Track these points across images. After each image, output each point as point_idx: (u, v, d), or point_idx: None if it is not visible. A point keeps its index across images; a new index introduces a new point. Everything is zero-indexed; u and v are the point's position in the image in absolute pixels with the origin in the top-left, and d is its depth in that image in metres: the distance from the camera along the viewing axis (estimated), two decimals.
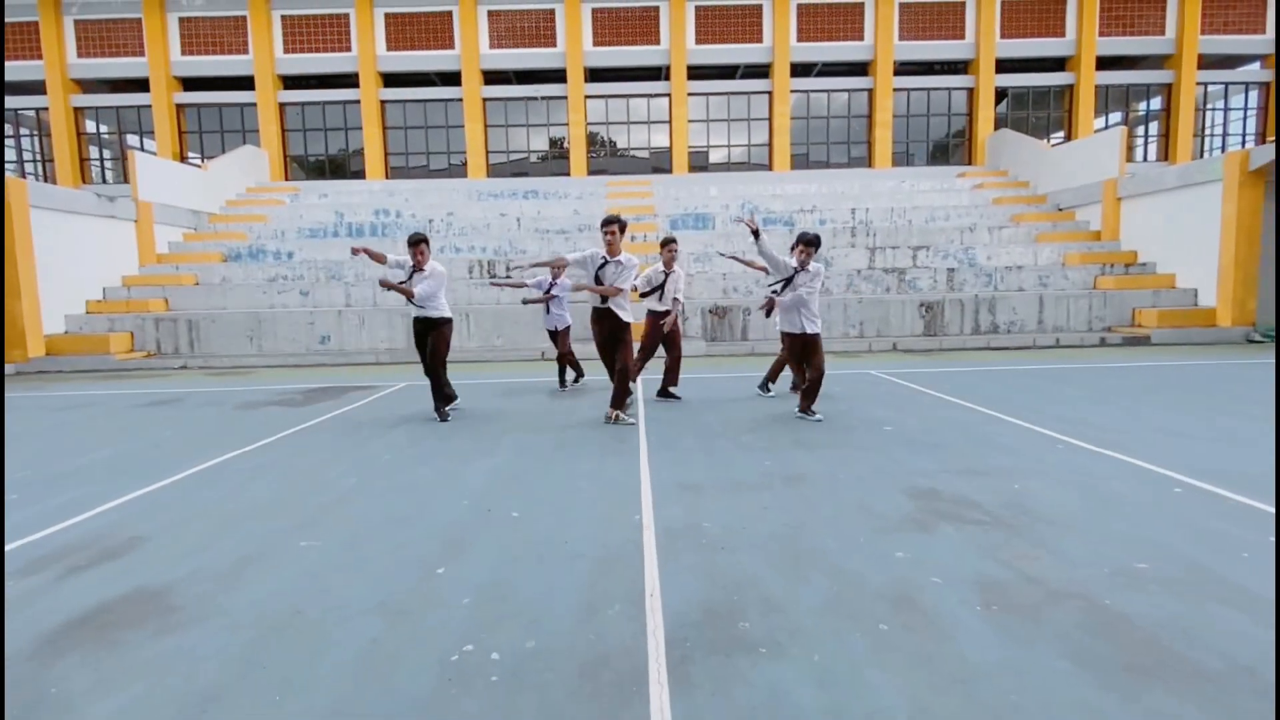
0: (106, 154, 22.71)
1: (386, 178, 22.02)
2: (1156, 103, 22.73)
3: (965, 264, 15.59)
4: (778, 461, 4.75)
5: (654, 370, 8.53)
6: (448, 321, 6.62)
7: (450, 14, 21.39)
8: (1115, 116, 22.75)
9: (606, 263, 6.09)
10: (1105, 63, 22.18)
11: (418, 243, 6.36)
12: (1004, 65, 22.06)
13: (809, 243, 6.14)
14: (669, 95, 21.99)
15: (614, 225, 6.01)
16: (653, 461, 4.85)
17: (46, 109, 21.43)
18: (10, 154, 22.53)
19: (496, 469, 4.75)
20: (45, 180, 22.19)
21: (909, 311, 13.75)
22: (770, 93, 22.06)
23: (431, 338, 6.52)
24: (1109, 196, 16.04)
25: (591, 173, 22.25)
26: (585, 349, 12.90)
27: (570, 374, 8.59)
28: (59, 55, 21.04)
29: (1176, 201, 14.47)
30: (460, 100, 21.86)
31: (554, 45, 21.52)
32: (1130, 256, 15.38)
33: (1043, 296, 13.90)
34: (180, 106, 21.80)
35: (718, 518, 3.61)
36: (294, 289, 14.67)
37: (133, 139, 22.38)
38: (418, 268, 6.38)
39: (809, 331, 6.24)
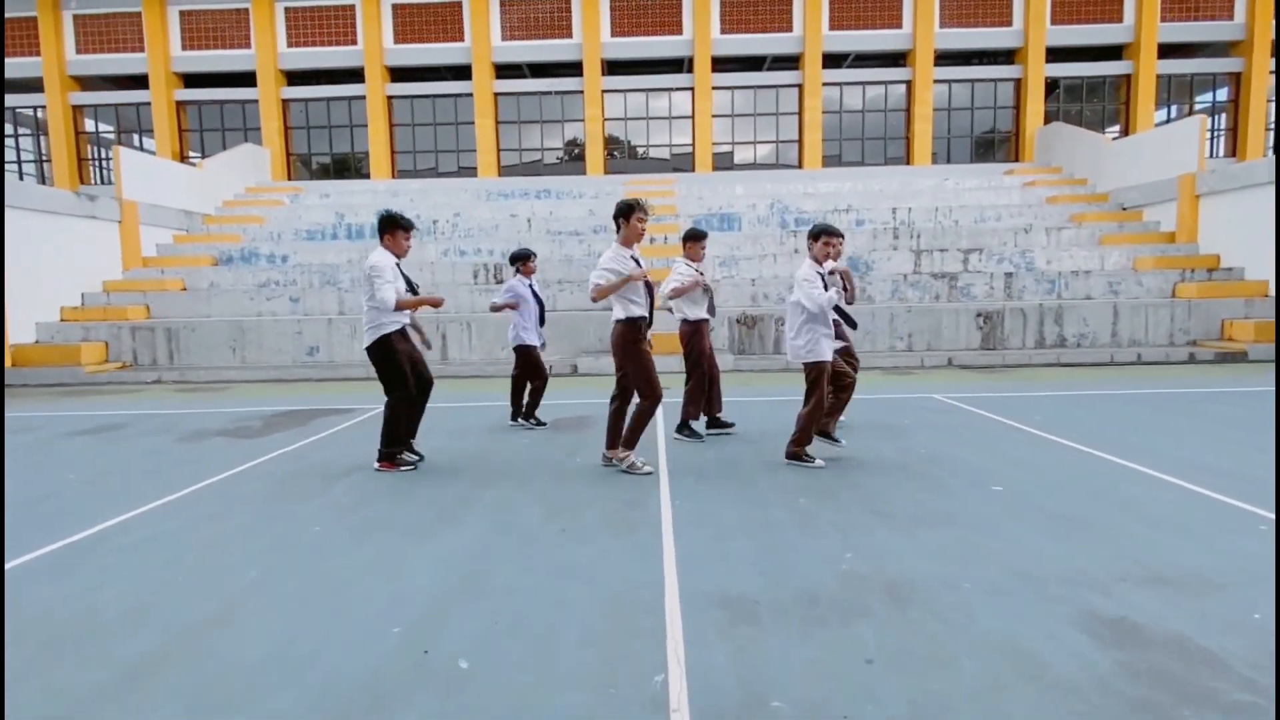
0: (106, 154, 21.85)
1: (393, 177, 20.89)
2: (1224, 93, 20.88)
3: (1023, 268, 13.99)
4: (861, 551, 3.31)
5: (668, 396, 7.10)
6: (376, 346, 4.99)
7: (460, 4, 20.23)
8: (1179, 109, 20.95)
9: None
10: (1167, 50, 20.39)
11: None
12: (1054, 54, 20.38)
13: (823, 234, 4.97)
14: (692, 89, 20.61)
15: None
16: (680, 546, 3.44)
17: (44, 107, 20.59)
18: (9, 154, 21.77)
19: (456, 556, 3.37)
20: (44, 181, 21.38)
21: (964, 322, 12.20)
22: (800, 85, 20.59)
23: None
24: (1186, 194, 14.35)
25: (609, 171, 20.93)
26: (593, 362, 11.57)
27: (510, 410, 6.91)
28: (57, 51, 20.21)
29: (1266, 199, 12.76)
30: (471, 95, 20.66)
31: (570, 36, 20.27)
32: (1212, 261, 13.68)
33: (1116, 306, 12.27)
34: (181, 104, 20.87)
35: (793, 683, 2.19)
36: (284, 295, 13.50)
37: (132, 138, 21.50)
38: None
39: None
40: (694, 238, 5.97)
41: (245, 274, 14.47)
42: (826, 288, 4.86)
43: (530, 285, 6.73)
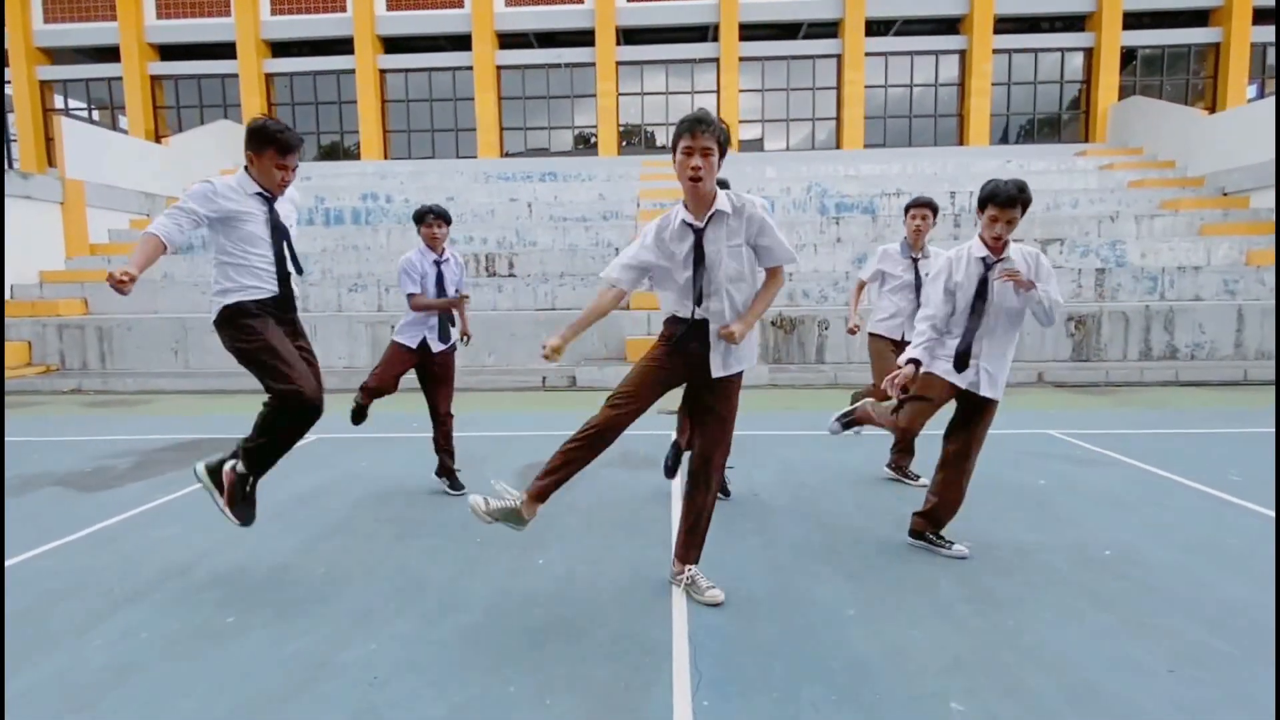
0: None
1: (385, 158, 18.96)
2: None
3: (1114, 263, 11.71)
4: None
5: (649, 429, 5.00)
6: (220, 322, 2.97)
7: None
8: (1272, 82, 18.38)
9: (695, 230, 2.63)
10: (1262, 15, 17.79)
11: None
12: (1131, 19, 17.89)
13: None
14: (717, 60, 18.41)
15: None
16: None
17: (9, 82, 18.93)
18: None
19: None
20: (10, 164, 19.76)
21: (1051, 328, 9.95)
22: (840, 56, 18.31)
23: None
24: None
25: (623, 151, 18.83)
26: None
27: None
28: (23, 20, 18.52)
29: None
30: (471, 68, 18.65)
31: (581, 1, 18.16)
32: None
33: (1241, 309, 9.96)
34: (156, 78, 19.10)
35: None
36: None
37: (109, 116, 19.80)
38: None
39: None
40: None
41: (204, 264, 12.61)
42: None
43: (437, 261, 4.16)
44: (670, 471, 4.08)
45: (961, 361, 3.11)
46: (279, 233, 2.99)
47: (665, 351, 2.72)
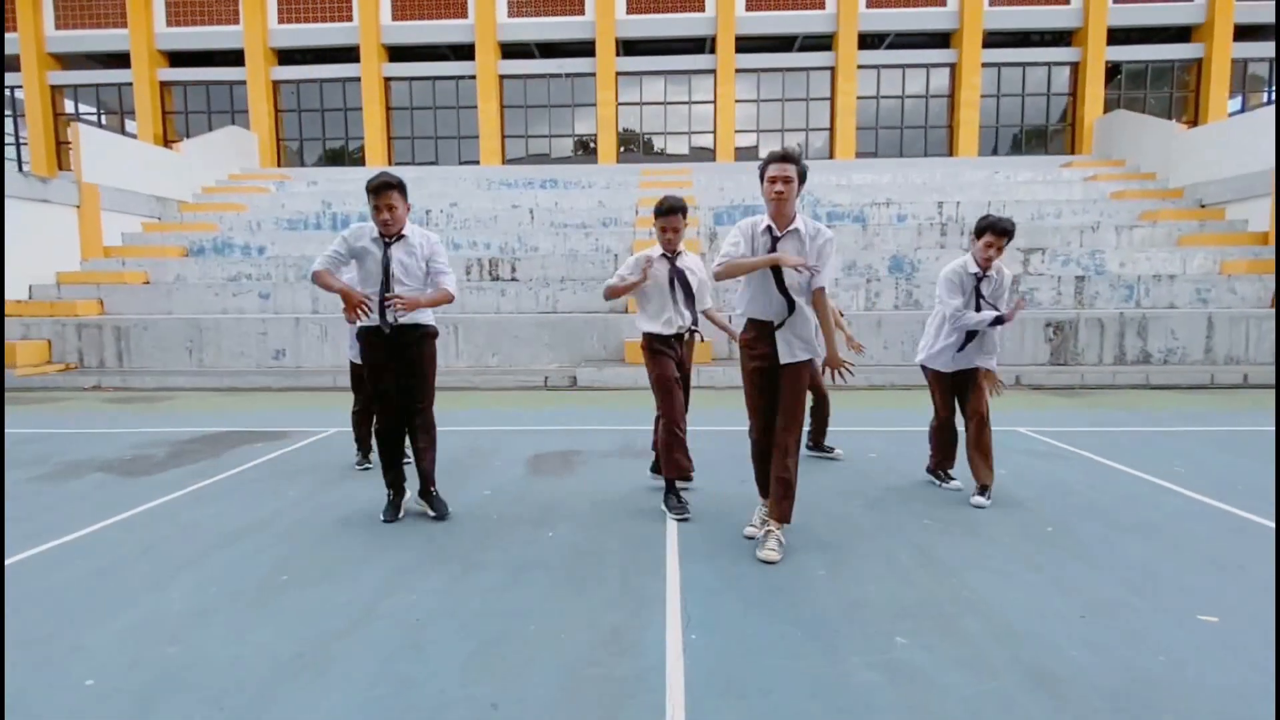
0: None
1: (390, 164, 19.41)
2: None
3: (1093, 272, 12.20)
4: None
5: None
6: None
7: None
8: (1256, 97, 18.95)
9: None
10: (1243, 32, 18.37)
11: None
12: (1116, 35, 18.45)
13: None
14: (714, 71, 18.92)
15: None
16: None
17: (21, 87, 19.34)
18: None
19: None
20: (20, 167, 20.15)
21: (1030, 332, 10.44)
22: (833, 68, 18.82)
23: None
24: None
25: (622, 160, 19.31)
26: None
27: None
28: (35, 26, 18.94)
29: None
30: (474, 77, 19.11)
31: (582, 13, 18.66)
32: None
33: (1211, 317, 10.45)
34: (165, 84, 19.52)
35: None
36: (254, 290, 12.02)
37: (118, 121, 20.21)
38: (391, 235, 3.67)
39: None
40: (661, 212, 3.97)
41: (215, 266, 13.04)
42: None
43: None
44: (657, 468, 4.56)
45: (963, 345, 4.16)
46: (385, 271, 3.51)
47: (749, 358, 3.37)
